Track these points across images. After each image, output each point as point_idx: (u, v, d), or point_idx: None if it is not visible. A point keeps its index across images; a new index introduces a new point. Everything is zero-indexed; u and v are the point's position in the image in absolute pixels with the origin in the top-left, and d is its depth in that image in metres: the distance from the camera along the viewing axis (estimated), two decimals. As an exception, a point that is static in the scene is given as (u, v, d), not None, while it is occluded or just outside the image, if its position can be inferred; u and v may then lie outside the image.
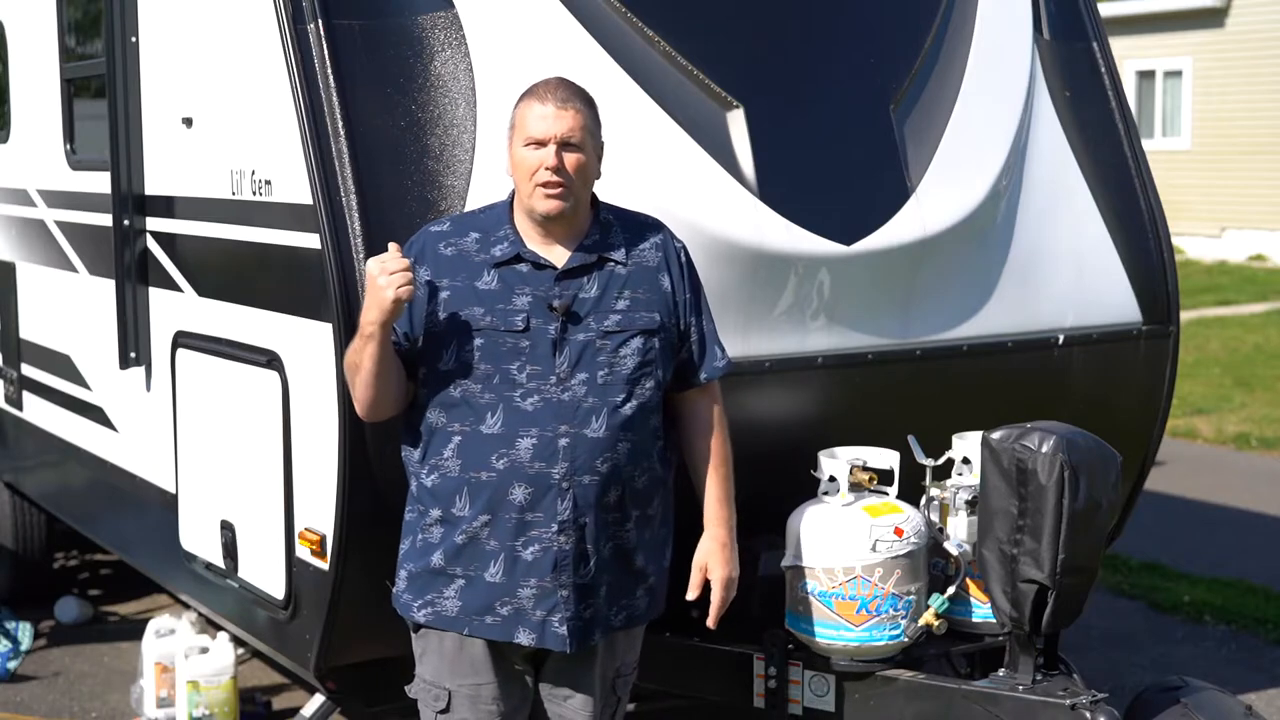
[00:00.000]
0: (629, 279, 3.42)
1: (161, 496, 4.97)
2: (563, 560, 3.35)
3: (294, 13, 3.97)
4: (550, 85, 3.40)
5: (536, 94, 3.38)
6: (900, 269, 4.38)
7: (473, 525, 3.36)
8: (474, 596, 3.39)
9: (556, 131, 3.32)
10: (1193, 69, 21.90)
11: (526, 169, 3.34)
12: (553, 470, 3.32)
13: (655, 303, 3.44)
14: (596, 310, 3.37)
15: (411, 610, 3.47)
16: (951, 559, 4.03)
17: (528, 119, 3.35)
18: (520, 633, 3.39)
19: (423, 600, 3.44)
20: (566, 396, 3.33)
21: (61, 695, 5.88)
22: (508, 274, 3.37)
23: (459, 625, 3.42)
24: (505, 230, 3.40)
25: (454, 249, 3.40)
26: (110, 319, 5.06)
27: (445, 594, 3.41)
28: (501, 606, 3.38)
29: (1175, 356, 4.99)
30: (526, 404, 3.33)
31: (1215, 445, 10.33)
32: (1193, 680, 3.99)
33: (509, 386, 3.33)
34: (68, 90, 5.58)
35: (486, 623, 3.39)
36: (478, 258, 3.39)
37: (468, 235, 3.42)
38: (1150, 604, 6.89)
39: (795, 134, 4.31)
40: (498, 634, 3.40)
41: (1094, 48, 5.04)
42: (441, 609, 3.42)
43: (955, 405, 4.51)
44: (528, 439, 3.32)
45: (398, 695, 3.69)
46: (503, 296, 3.36)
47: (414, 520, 3.47)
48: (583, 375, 3.35)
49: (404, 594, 3.49)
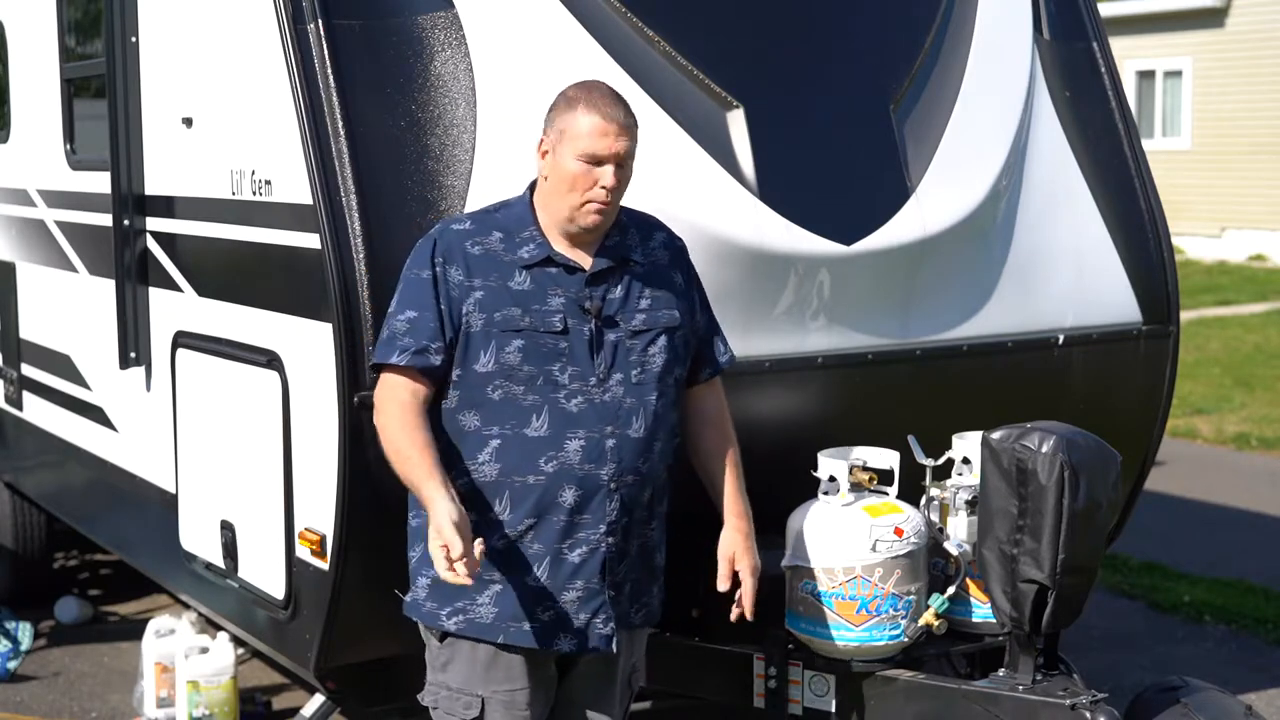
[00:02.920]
0: (648, 278, 3.43)
1: (161, 496, 4.97)
2: (610, 561, 3.35)
3: (294, 13, 3.97)
4: (605, 98, 3.32)
5: (596, 107, 3.30)
6: (900, 269, 4.38)
7: (516, 529, 3.32)
8: (511, 602, 3.33)
9: (618, 151, 3.29)
10: (1193, 69, 21.90)
11: (578, 183, 3.29)
12: (602, 471, 3.31)
13: (673, 300, 3.46)
14: (623, 311, 3.38)
15: (439, 619, 3.38)
16: (951, 559, 4.03)
17: (588, 133, 3.27)
18: (561, 639, 3.36)
19: (452, 608, 3.36)
20: (608, 398, 3.33)
21: (61, 695, 5.88)
22: (540, 275, 3.33)
23: (493, 633, 3.35)
24: (531, 231, 3.36)
25: (481, 248, 3.34)
26: (110, 319, 5.06)
27: (478, 600, 3.34)
28: (543, 611, 3.33)
29: (1175, 356, 4.99)
30: (571, 405, 3.31)
31: (1215, 445, 10.33)
32: (1193, 680, 3.98)
33: (553, 388, 3.31)
34: (68, 90, 5.58)
35: (525, 629, 3.34)
36: (506, 258, 3.33)
37: (491, 234, 3.36)
38: (1150, 604, 6.89)
39: (795, 134, 4.31)
40: (537, 641, 3.35)
41: (1094, 48, 5.04)
42: (474, 616, 3.35)
43: (955, 405, 4.52)
44: (575, 441, 3.30)
45: (398, 695, 3.69)
46: (537, 298, 3.32)
47: (425, 525, 3.36)
48: (619, 375, 3.35)
49: (426, 602, 3.40)
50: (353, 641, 4.14)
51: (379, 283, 3.82)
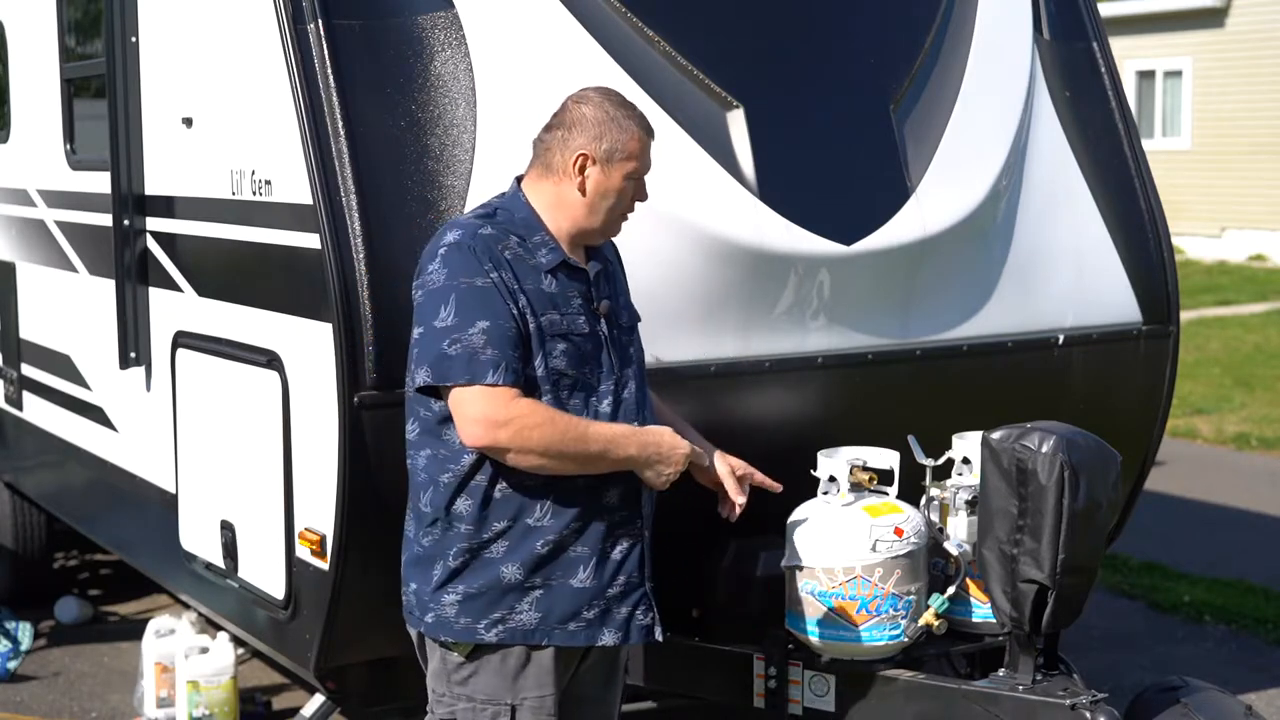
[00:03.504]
0: (615, 277, 3.50)
1: (161, 496, 4.97)
2: (648, 553, 3.40)
3: (294, 13, 3.97)
4: (636, 112, 3.35)
5: (638, 120, 3.33)
6: (900, 269, 4.38)
7: (562, 533, 3.28)
8: (556, 604, 3.30)
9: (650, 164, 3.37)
10: (1193, 69, 21.90)
11: (624, 198, 3.33)
12: None
13: (629, 294, 3.54)
14: (616, 309, 3.42)
15: (476, 633, 3.28)
16: (951, 559, 4.03)
17: (638, 151, 3.31)
18: (605, 633, 3.36)
19: (490, 619, 3.29)
20: (626, 395, 3.36)
21: (61, 695, 5.88)
22: (560, 279, 3.32)
23: (536, 637, 3.31)
24: (543, 236, 3.32)
25: (510, 252, 3.27)
26: (110, 319, 5.06)
27: (519, 608, 3.29)
28: (588, 610, 3.33)
29: (1175, 356, 4.99)
30: (604, 405, 3.32)
31: (1215, 445, 10.33)
32: (1193, 680, 3.98)
33: (589, 391, 3.31)
34: (68, 90, 5.58)
35: (569, 630, 3.32)
36: (530, 261, 3.28)
37: (509, 238, 3.29)
38: (1150, 604, 6.88)
39: (795, 134, 4.31)
40: (581, 639, 3.34)
41: (1094, 48, 5.04)
42: (516, 624, 3.29)
43: (955, 405, 4.52)
44: None
45: (398, 695, 3.69)
46: (564, 301, 3.29)
47: (441, 544, 3.30)
48: (629, 372, 3.39)
49: (459, 619, 3.29)
50: (353, 641, 4.14)
51: (379, 283, 3.83)
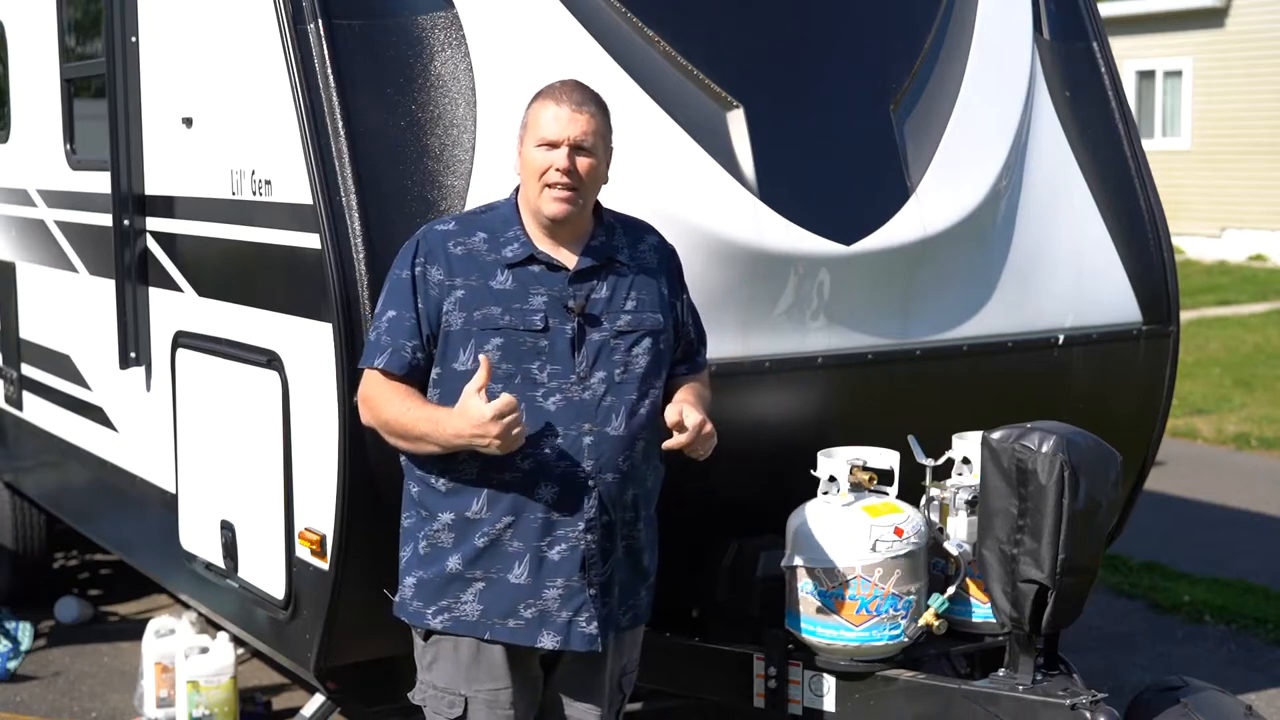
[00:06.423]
0: (634, 281, 3.45)
1: (161, 496, 4.97)
2: (590, 559, 3.35)
3: (294, 13, 3.97)
4: (566, 87, 3.39)
5: (552, 95, 3.38)
6: (900, 269, 4.38)
7: (495, 527, 3.34)
8: (495, 599, 3.36)
9: (570, 134, 3.32)
10: (1193, 69, 21.90)
11: (536, 169, 3.34)
12: (579, 468, 3.32)
13: (658, 304, 3.47)
14: (608, 310, 3.39)
15: (425, 618, 3.42)
16: (951, 559, 4.03)
17: (541, 120, 3.35)
18: (544, 636, 3.37)
19: (437, 606, 3.40)
20: (587, 395, 3.34)
21: (61, 695, 5.88)
22: (522, 274, 3.36)
23: (479, 630, 3.38)
24: (515, 231, 3.40)
25: (463, 248, 3.38)
26: (110, 319, 5.06)
27: (463, 598, 3.38)
28: (525, 609, 3.35)
29: (1175, 356, 4.99)
30: (549, 403, 3.32)
31: (1215, 445, 10.33)
32: (1193, 680, 3.99)
33: (530, 386, 3.32)
34: (68, 90, 5.58)
35: (509, 626, 3.36)
36: (489, 257, 3.37)
37: (474, 235, 3.40)
38: (1150, 604, 6.88)
39: (795, 134, 4.31)
40: (521, 638, 3.37)
41: (1094, 48, 5.04)
42: (460, 614, 3.38)
43: (955, 405, 4.52)
44: (552, 438, 3.32)
45: (398, 695, 3.68)
46: (519, 296, 3.35)
47: (415, 525, 3.44)
48: (601, 374, 3.36)
49: (413, 601, 3.44)
50: (353, 641, 4.14)
51: (379, 283, 3.81)
